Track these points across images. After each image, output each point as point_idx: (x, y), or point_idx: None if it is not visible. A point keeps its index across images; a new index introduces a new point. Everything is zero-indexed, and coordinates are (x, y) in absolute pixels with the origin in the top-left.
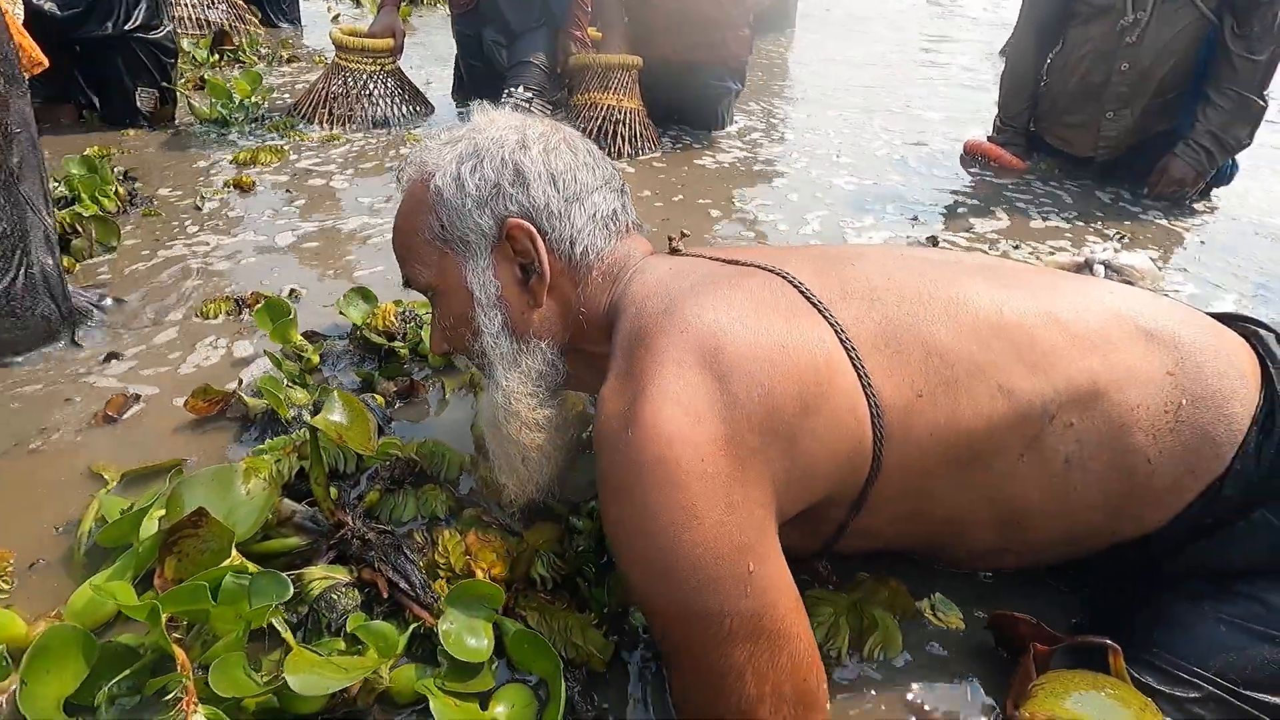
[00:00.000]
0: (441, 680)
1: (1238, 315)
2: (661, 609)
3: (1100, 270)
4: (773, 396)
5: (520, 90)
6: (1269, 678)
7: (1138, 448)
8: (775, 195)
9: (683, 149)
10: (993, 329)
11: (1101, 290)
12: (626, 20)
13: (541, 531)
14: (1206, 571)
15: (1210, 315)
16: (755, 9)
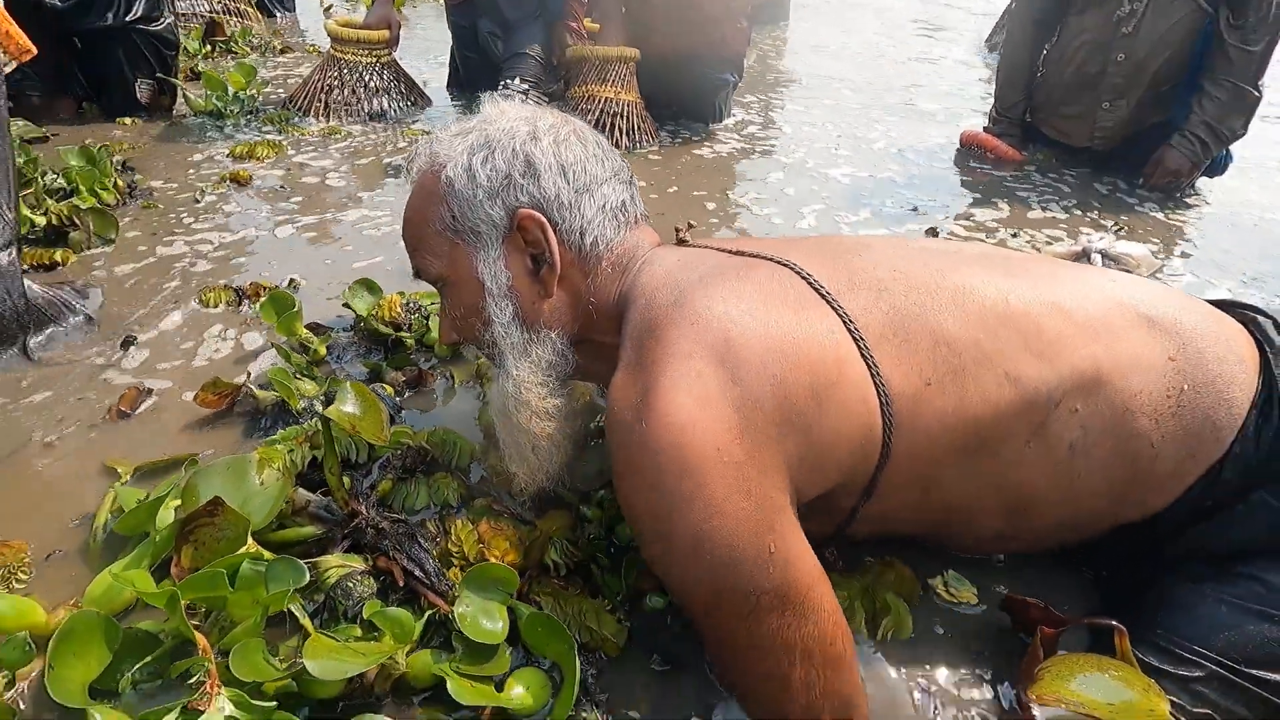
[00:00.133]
0: (457, 664)
1: (1235, 302)
2: (689, 591)
3: (1098, 259)
4: (785, 386)
5: (516, 82)
6: (1269, 655)
7: (1141, 433)
8: (772, 189)
9: (680, 142)
10: (999, 318)
11: (1102, 278)
12: (624, 12)
13: (554, 519)
14: (1207, 554)
15: (1208, 302)
16: (753, 1)
